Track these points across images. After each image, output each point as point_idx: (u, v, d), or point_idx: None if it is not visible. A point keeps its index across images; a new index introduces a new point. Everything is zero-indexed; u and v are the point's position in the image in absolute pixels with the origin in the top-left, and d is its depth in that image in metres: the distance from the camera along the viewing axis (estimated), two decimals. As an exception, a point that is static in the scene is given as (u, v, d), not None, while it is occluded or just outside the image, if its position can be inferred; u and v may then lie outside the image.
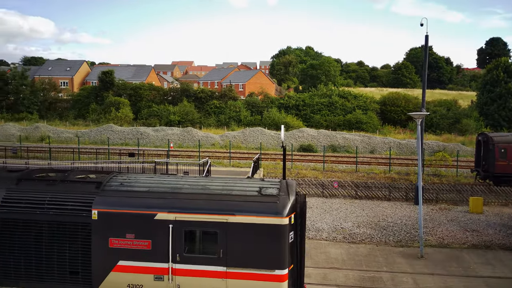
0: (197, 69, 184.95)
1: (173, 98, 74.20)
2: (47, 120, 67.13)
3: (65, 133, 50.28)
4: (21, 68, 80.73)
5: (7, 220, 9.75)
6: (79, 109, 73.16)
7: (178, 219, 9.30)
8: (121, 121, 61.63)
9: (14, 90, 73.58)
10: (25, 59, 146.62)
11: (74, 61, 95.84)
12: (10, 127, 51.14)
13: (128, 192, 9.83)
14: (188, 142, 46.97)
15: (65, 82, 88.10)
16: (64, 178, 10.45)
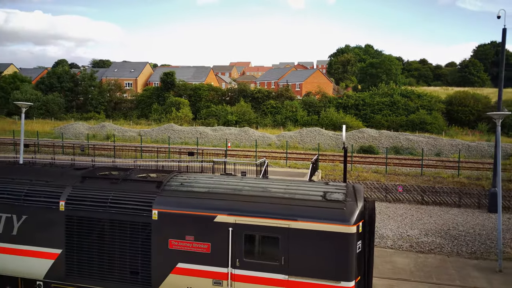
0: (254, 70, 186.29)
1: (230, 98, 75.05)
2: (113, 119, 70.55)
3: (128, 132, 52.33)
4: (90, 70, 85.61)
5: (72, 217, 9.92)
6: (142, 109, 76.16)
7: (238, 222, 8.92)
8: (181, 121, 63.27)
9: (84, 91, 78.17)
10: (93, 62, 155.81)
11: (138, 63, 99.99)
12: (79, 125, 54.12)
13: (188, 193, 9.62)
14: (245, 142, 47.03)
15: (130, 83, 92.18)
16: (126, 177, 10.48)
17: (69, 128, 52.74)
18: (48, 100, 71.86)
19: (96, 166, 11.83)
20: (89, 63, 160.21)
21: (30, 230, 10.18)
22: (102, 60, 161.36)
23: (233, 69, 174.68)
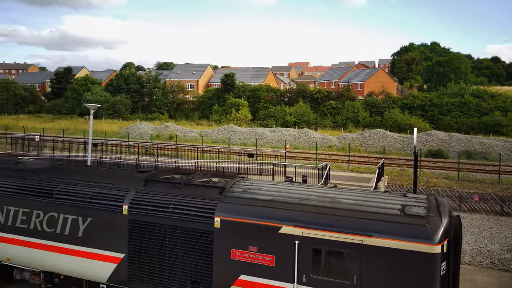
0: (312, 70, 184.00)
1: (289, 99, 74.32)
2: (175, 120, 72.59)
3: (190, 133, 53.38)
4: (155, 72, 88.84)
5: (135, 221, 9.78)
6: (203, 110, 77.68)
7: (306, 235, 8.24)
8: (240, 122, 63.63)
9: (148, 92, 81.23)
10: (158, 64, 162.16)
11: (200, 65, 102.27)
12: (144, 126, 56.13)
13: (252, 200, 9.09)
14: (304, 144, 46.09)
15: (192, 85, 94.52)
16: (188, 181, 10.18)
17: (135, 128, 54.85)
18: (116, 101, 75.44)
19: (159, 169, 11.66)
20: (154, 65, 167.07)
21: (94, 233, 10.20)
22: (166, 62, 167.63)
23: (292, 69, 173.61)
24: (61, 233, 10.53)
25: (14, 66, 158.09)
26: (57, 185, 10.91)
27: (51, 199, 10.72)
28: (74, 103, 78.94)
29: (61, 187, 10.84)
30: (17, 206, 11.07)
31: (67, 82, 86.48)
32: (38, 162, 12.84)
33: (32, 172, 11.64)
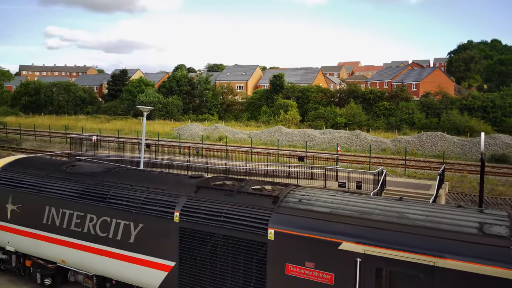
0: (363, 69, 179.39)
1: (339, 100, 72.61)
2: (225, 121, 73.24)
3: (239, 134, 53.49)
4: (206, 74, 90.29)
5: (186, 229, 9.50)
6: (251, 111, 77.80)
7: (369, 253, 7.53)
8: (288, 123, 62.99)
9: (199, 94, 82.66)
10: (208, 66, 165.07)
11: (249, 66, 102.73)
12: (195, 127, 56.96)
13: (308, 212, 8.50)
14: (356, 146, 44.63)
15: (241, 86, 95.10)
16: (241, 188, 9.76)
17: (186, 129, 55.79)
18: (168, 103, 77.37)
19: (210, 176, 11.35)
20: (204, 67, 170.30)
21: (146, 239, 10.05)
22: (215, 64, 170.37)
23: (342, 69, 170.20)
24: (113, 238, 10.49)
25: (74, 69, 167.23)
26: (110, 190, 10.90)
27: (104, 204, 10.72)
28: (129, 104, 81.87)
29: (114, 191, 10.82)
30: (72, 209, 11.20)
31: (122, 84, 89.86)
32: (93, 166, 12.99)
33: (87, 175, 11.74)
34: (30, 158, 14.40)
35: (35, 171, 12.55)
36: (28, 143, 47.67)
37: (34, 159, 14.17)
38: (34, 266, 12.25)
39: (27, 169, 12.83)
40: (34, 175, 12.36)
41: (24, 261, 12.49)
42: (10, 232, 12.36)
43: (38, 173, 12.40)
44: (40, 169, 12.64)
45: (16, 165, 13.26)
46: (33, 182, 12.18)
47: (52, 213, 11.53)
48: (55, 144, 47.19)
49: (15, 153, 40.77)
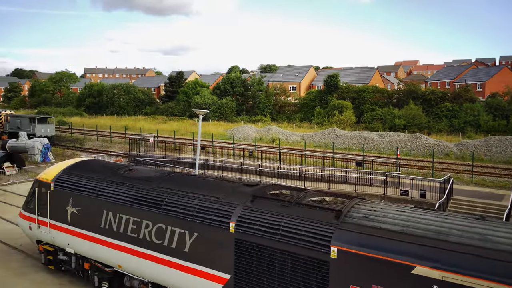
0: (422, 69, 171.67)
1: (398, 101, 69.65)
2: (277, 122, 72.80)
3: (292, 136, 52.76)
4: (259, 75, 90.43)
5: (241, 241, 9.06)
6: (304, 112, 76.70)
7: (447, 280, 6.65)
8: (343, 125, 61.30)
9: (252, 95, 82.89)
10: (261, 67, 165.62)
11: (302, 67, 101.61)
12: (248, 128, 57.00)
13: (376, 230, 7.72)
14: (416, 150, 42.32)
15: (294, 87, 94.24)
16: (299, 200, 9.16)
17: (239, 130, 55.96)
18: (222, 104, 78.28)
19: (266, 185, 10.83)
20: (257, 68, 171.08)
21: (201, 248, 9.74)
22: (268, 64, 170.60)
23: (400, 68, 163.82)
24: (168, 245, 10.29)
25: (134, 71, 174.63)
26: (166, 196, 10.73)
27: (160, 210, 10.56)
28: (185, 105, 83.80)
29: (170, 198, 10.63)
30: (129, 215, 11.16)
31: (179, 85, 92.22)
32: (149, 170, 12.96)
33: (143, 180, 11.68)
34: (89, 161, 14.69)
35: (93, 175, 12.72)
36: (90, 143, 50.00)
37: (93, 163, 14.44)
38: (92, 269, 12.41)
39: (87, 172, 13.05)
40: (93, 179, 12.52)
41: (83, 263, 12.70)
42: (70, 234, 12.61)
43: (96, 177, 12.55)
44: (99, 172, 12.79)
45: (76, 168, 13.54)
46: (92, 185, 12.33)
47: (110, 218, 11.57)
48: (115, 144, 49.10)
49: (79, 153, 42.85)
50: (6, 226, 18.67)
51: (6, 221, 19.38)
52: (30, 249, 15.46)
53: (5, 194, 25.13)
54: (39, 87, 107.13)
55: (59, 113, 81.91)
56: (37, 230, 13.77)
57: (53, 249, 13.54)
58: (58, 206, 13.00)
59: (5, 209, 21.63)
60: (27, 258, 14.95)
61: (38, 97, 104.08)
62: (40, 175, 14.01)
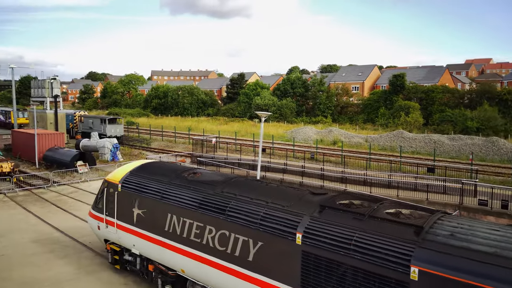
0: (496, 67, 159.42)
1: (470, 101, 65.19)
2: (339, 124, 71.04)
3: (355, 138, 51.05)
4: (320, 75, 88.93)
5: (309, 254, 8.49)
6: (368, 113, 74.21)
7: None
8: (410, 127, 58.35)
9: (313, 96, 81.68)
10: (321, 67, 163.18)
11: (365, 66, 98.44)
12: (308, 129, 56.04)
13: (465, 251, 6.80)
14: (492, 156, 39.06)
15: (356, 87, 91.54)
16: (373, 212, 8.41)
17: (299, 131, 55.18)
18: (282, 105, 77.91)
19: (335, 194, 10.15)
20: (317, 68, 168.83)
21: (265, 258, 9.30)
22: (329, 64, 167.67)
23: (471, 67, 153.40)
24: (231, 253, 9.98)
25: (197, 73, 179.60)
26: (229, 202, 10.43)
27: (224, 216, 10.27)
28: (245, 106, 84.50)
29: (233, 204, 10.31)
30: (192, 219, 11.00)
31: (240, 87, 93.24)
32: (213, 174, 12.77)
33: (207, 184, 11.49)
34: (155, 163, 14.85)
35: (158, 177, 12.77)
36: (156, 143, 51.80)
37: (159, 165, 14.57)
38: (156, 271, 12.46)
39: (152, 174, 13.14)
40: (158, 181, 12.56)
41: (148, 265, 12.80)
42: (135, 236, 12.76)
43: (161, 180, 12.58)
44: (163, 175, 12.82)
45: (143, 170, 13.70)
46: (157, 188, 12.37)
47: (174, 221, 11.51)
48: (179, 144, 50.45)
49: (145, 152, 44.47)
50: (77, 223, 19.56)
51: (77, 218, 20.33)
52: (98, 247, 15.98)
53: (77, 191, 26.51)
54: (110, 89, 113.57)
55: (128, 113, 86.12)
56: (105, 230, 14.15)
57: (120, 249, 13.82)
58: (124, 207, 13.23)
59: (76, 206, 22.77)
60: (96, 256, 15.46)
61: (109, 99, 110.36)
62: (109, 176, 14.38)
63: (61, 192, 25.96)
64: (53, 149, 35.11)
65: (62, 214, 21.19)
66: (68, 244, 16.80)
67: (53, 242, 16.97)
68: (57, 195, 25.44)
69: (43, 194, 25.35)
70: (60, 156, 33.51)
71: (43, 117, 50.56)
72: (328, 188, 24.78)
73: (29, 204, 23.02)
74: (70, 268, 14.38)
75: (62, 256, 15.49)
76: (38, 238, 17.40)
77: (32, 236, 17.64)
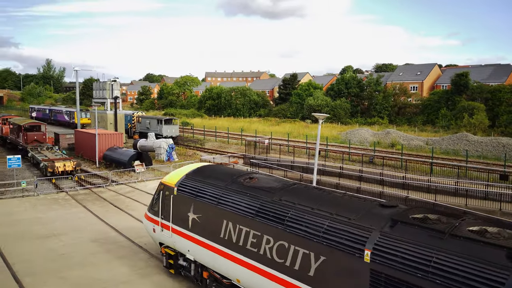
0: None
1: (544, 102, 59.92)
2: (396, 125, 68.11)
3: (414, 140, 48.52)
4: (376, 75, 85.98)
5: (379, 274, 7.64)
6: (427, 114, 70.63)
7: None
8: (474, 129, 54.63)
9: (368, 96, 79.06)
10: (376, 66, 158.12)
11: (425, 65, 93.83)
12: (364, 131, 54.07)
13: None
14: None
15: (415, 87, 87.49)
16: (454, 230, 7.41)
17: (354, 133, 53.39)
18: (335, 105, 76.12)
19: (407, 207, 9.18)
20: (372, 67, 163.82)
21: (328, 275, 8.56)
22: (384, 64, 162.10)
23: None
24: (290, 266, 9.32)
25: (249, 74, 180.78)
26: (289, 211, 9.78)
27: (282, 226, 9.64)
28: (297, 107, 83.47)
29: (293, 213, 9.65)
30: (249, 227, 10.47)
31: (292, 87, 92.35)
32: (270, 179, 12.18)
33: (264, 191, 10.92)
34: (210, 166, 14.51)
35: (214, 182, 12.39)
36: (209, 143, 52.31)
37: (214, 168, 14.21)
38: (210, 279, 12.09)
39: (208, 178, 12.80)
40: (214, 186, 12.19)
41: (202, 272, 12.46)
42: (190, 241, 12.47)
43: (217, 184, 12.19)
44: (219, 179, 12.43)
45: (198, 173, 13.41)
46: (213, 193, 11.99)
47: (229, 228, 11.06)
48: (232, 145, 50.59)
49: (199, 153, 44.93)
50: (133, 223, 19.81)
51: (133, 218, 20.61)
52: (153, 249, 15.97)
53: (134, 191, 27.08)
54: (166, 90, 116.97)
55: (183, 114, 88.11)
56: (160, 233, 14.02)
57: (174, 253, 13.62)
58: (180, 211, 13.00)
59: (133, 205, 23.17)
60: (151, 259, 15.42)
61: (165, 100, 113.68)
62: (165, 179, 14.24)
63: (118, 192, 26.63)
64: (112, 148, 36.30)
65: (119, 214, 21.61)
66: (124, 244, 16.97)
67: (110, 242, 17.22)
68: (115, 194, 26.10)
69: (102, 193, 26.12)
70: (118, 156, 34.56)
71: (103, 118, 52.73)
72: (387, 194, 23.42)
73: (88, 202, 23.75)
74: (126, 270, 14.42)
75: (119, 256, 15.62)
76: (96, 237, 17.75)
77: (91, 235, 18.04)
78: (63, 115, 73.97)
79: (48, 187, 27.79)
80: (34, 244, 16.90)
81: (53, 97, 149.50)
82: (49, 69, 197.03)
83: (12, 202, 23.55)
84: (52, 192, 26.10)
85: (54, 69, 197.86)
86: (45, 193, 25.66)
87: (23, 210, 21.93)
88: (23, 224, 19.49)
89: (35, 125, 40.95)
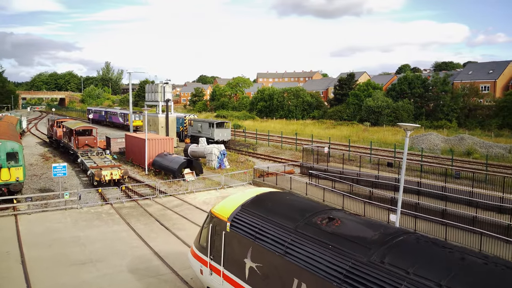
0: None
1: None
2: (467, 129, 61.60)
3: (493, 147, 42.66)
4: (443, 74, 79.05)
5: None
6: (503, 117, 63.32)
7: None
8: None
9: (434, 97, 72.64)
10: (436, 65, 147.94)
11: (498, 63, 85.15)
12: (433, 136, 48.55)
13: None
14: None
15: (486, 86, 79.49)
16: None
17: (422, 139, 48.08)
18: (397, 107, 70.58)
19: None
20: (431, 66, 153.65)
21: None
22: (444, 62, 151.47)
23: None
24: None
25: (301, 74, 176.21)
26: (400, 284, 6.40)
27: (390, 308, 6.29)
28: (355, 109, 78.55)
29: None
30: (336, 298, 7.21)
31: (349, 88, 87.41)
32: (359, 222, 8.83)
33: (354, 243, 7.61)
34: (274, 195, 11.31)
35: (280, 220, 9.26)
36: (262, 148, 49.36)
37: (279, 198, 11.02)
38: None
39: (270, 213, 9.70)
40: (279, 226, 9.05)
41: None
42: (248, 297, 9.42)
43: (283, 224, 9.05)
44: (287, 217, 9.28)
45: (258, 204, 10.35)
46: (278, 236, 8.86)
47: (303, 292, 7.85)
48: (285, 150, 47.32)
49: (251, 159, 42.06)
50: (179, 247, 17.16)
51: (179, 241, 17.99)
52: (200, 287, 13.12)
53: (183, 204, 24.63)
54: (218, 92, 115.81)
55: (234, 116, 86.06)
56: (208, 277, 11.13)
57: (226, 305, 10.65)
58: (234, 254, 10.02)
59: (180, 224, 20.62)
60: (197, 303, 12.60)
61: (217, 101, 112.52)
62: (215, 208, 11.30)
63: (166, 205, 24.27)
64: (162, 155, 34.38)
65: (165, 234, 19.10)
66: (167, 278, 14.28)
67: (152, 274, 14.62)
68: (162, 208, 23.78)
69: (148, 207, 23.89)
70: (168, 163, 32.53)
71: (155, 121, 51.46)
72: (481, 219, 19.04)
73: (133, 219, 21.52)
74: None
75: (159, 296, 12.94)
76: (136, 266, 15.25)
77: (131, 263, 15.58)
78: (117, 117, 74.40)
79: (93, 198, 26.07)
80: (66, 272, 14.68)
81: (110, 99, 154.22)
82: (108, 71, 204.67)
83: (54, 216, 21.85)
84: (97, 205, 24.24)
85: (113, 71, 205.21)
86: (88, 206, 23.84)
87: (63, 227, 20.04)
88: (60, 245, 17.47)
89: (87, 129, 40.10)
